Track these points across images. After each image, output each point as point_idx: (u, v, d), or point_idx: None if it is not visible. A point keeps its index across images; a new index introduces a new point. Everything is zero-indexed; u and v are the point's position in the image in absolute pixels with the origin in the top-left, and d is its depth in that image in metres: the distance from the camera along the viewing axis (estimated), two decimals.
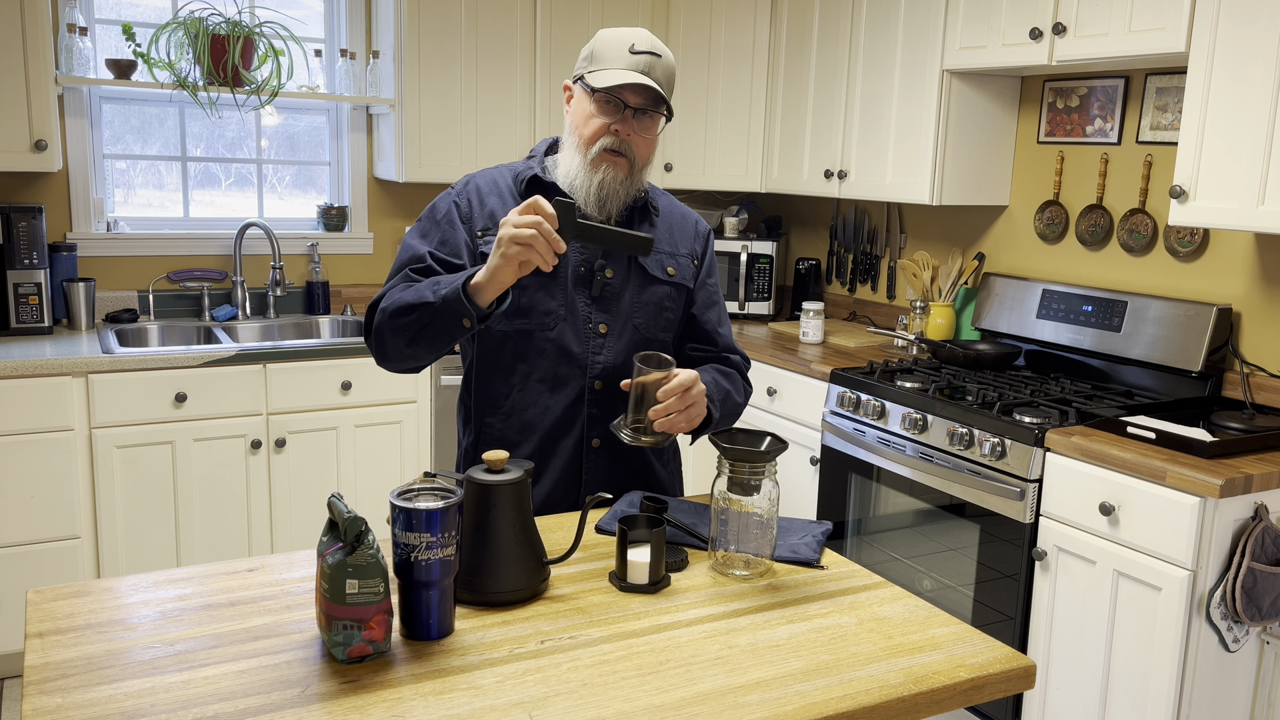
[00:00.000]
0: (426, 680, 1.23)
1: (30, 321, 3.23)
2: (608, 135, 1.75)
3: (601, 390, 1.84)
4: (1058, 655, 2.53)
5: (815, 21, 3.69)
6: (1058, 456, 2.49)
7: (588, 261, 1.83)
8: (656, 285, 1.87)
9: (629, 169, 1.78)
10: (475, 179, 1.87)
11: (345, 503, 1.27)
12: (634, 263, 1.86)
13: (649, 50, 1.75)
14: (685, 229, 1.96)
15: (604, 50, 1.75)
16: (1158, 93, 2.94)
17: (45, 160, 3.11)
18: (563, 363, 1.82)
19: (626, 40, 1.74)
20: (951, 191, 3.28)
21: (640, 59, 1.73)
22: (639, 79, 1.71)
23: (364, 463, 3.41)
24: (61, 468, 2.97)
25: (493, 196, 1.84)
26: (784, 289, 4.39)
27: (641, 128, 1.77)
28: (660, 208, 1.93)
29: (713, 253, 2.00)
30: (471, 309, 1.62)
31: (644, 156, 1.80)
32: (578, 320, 1.82)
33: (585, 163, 1.77)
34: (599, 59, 1.75)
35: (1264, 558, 2.25)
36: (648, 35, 1.77)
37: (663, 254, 1.90)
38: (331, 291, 3.89)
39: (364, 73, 3.75)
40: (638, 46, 1.74)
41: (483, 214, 1.83)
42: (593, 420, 1.85)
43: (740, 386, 1.93)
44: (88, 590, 1.43)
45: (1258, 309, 2.75)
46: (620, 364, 1.84)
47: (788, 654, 1.33)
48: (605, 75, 1.73)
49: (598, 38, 1.78)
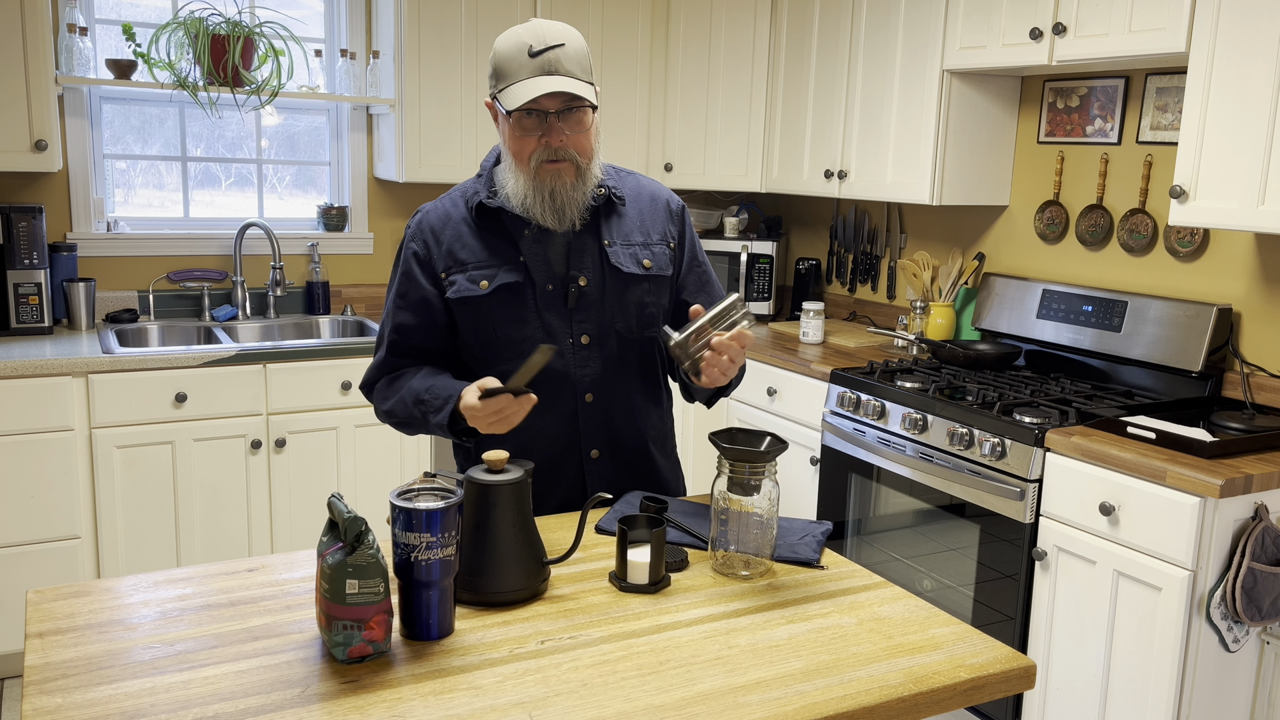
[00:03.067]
0: (426, 680, 1.23)
1: (30, 321, 3.23)
2: (540, 148, 1.70)
3: (594, 402, 1.81)
4: (1058, 655, 2.53)
5: (815, 21, 3.69)
6: (1058, 456, 2.49)
7: (556, 278, 1.78)
8: (634, 284, 1.82)
9: (575, 171, 1.73)
10: (427, 216, 1.83)
11: (345, 503, 1.26)
12: (607, 264, 1.80)
13: (548, 44, 1.66)
14: (656, 212, 1.88)
15: (504, 63, 1.67)
16: (1158, 93, 2.94)
17: (45, 160, 3.11)
18: (550, 383, 1.77)
19: (522, 43, 1.66)
20: (951, 191, 3.28)
21: (542, 59, 1.65)
22: (547, 86, 1.64)
23: (364, 463, 3.40)
24: (61, 468, 2.97)
25: (446, 231, 1.80)
26: (784, 289, 4.39)
27: (571, 126, 1.69)
28: (626, 195, 1.86)
29: (690, 228, 1.92)
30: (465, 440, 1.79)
31: (586, 151, 1.73)
32: (558, 339, 1.78)
33: (530, 181, 1.72)
34: (503, 74, 1.68)
35: (1264, 558, 2.25)
36: (542, 27, 1.68)
37: (635, 245, 1.83)
38: (331, 291, 3.89)
39: (364, 73, 3.75)
40: (535, 47, 1.65)
41: (440, 253, 1.79)
42: (589, 433, 1.82)
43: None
44: (88, 590, 1.43)
45: (1258, 309, 2.75)
46: (610, 373, 1.82)
47: (788, 654, 1.33)
48: (514, 93, 1.66)
49: (495, 50, 1.70)
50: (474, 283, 1.77)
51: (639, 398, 1.87)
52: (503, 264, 1.78)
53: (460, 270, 1.79)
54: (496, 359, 1.80)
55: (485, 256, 1.78)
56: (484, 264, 1.78)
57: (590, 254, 1.80)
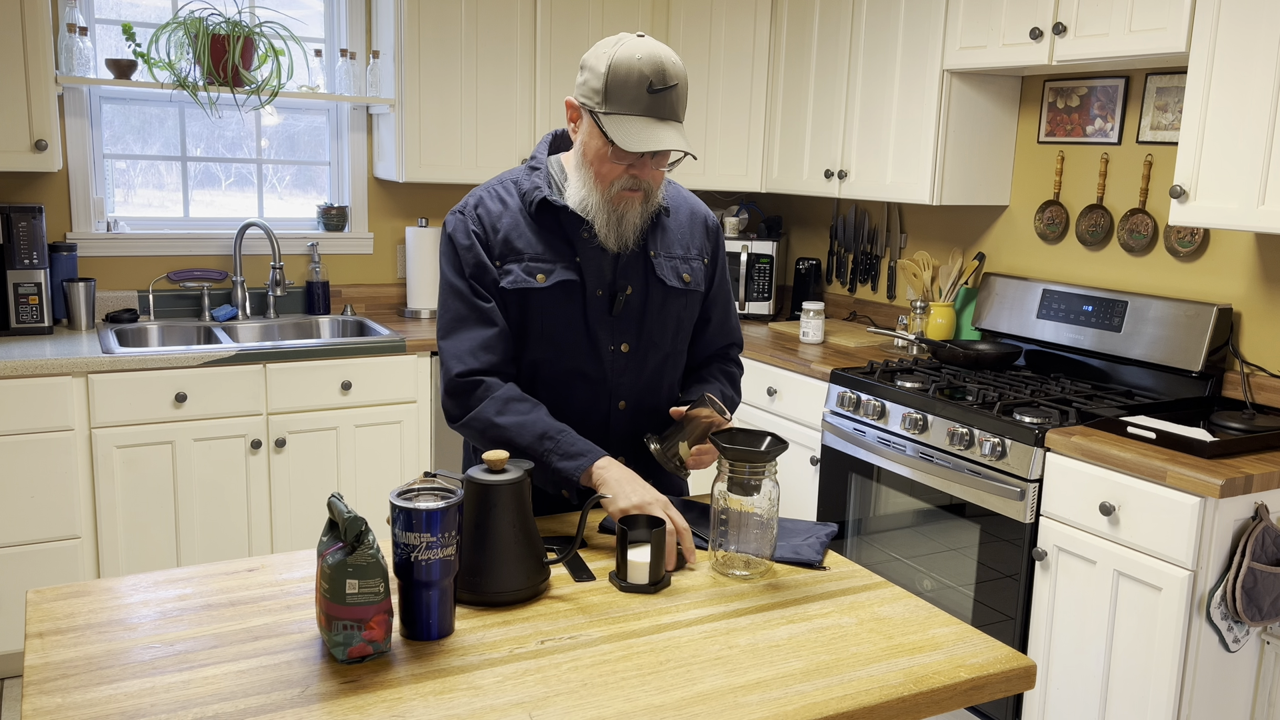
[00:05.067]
0: (426, 680, 1.23)
1: (30, 321, 3.23)
2: (625, 177, 1.70)
3: (625, 409, 1.83)
4: (1058, 655, 2.53)
5: (815, 22, 3.69)
6: (1058, 456, 2.49)
7: (606, 284, 1.78)
8: (674, 296, 1.84)
9: (645, 199, 1.74)
10: (484, 201, 1.79)
11: (345, 503, 1.27)
12: (651, 275, 1.81)
13: (666, 85, 1.61)
14: (695, 227, 1.91)
15: (618, 88, 1.61)
16: (1158, 93, 2.94)
17: (45, 160, 3.11)
18: (585, 388, 1.80)
19: (642, 75, 1.60)
20: (952, 191, 3.28)
21: (660, 99, 1.61)
22: (669, 141, 1.61)
23: (364, 463, 3.40)
24: (61, 468, 2.97)
25: (504, 219, 1.77)
26: (784, 289, 4.39)
27: (660, 163, 1.71)
28: (671, 207, 1.87)
29: (722, 248, 1.96)
30: (574, 488, 1.72)
31: (658, 182, 1.76)
32: (599, 344, 1.79)
33: (603, 199, 1.72)
34: (614, 98, 1.62)
35: (1264, 558, 2.25)
36: (661, 60, 1.61)
37: (676, 259, 1.85)
38: (331, 291, 3.89)
39: (364, 73, 3.75)
40: (655, 84, 1.60)
41: (498, 240, 1.76)
42: (619, 440, 1.84)
43: (739, 383, 1.98)
44: (88, 590, 1.43)
45: (1258, 309, 2.75)
46: (644, 382, 1.83)
47: (788, 654, 1.33)
48: (628, 132, 1.61)
49: (610, 68, 1.61)
50: (530, 275, 1.75)
51: (663, 406, 1.90)
52: (559, 261, 1.77)
53: (516, 260, 1.76)
54: (526, 351, 1.79)
55: (542, 250, 1.76)
56: (541, 258, 1.76)
57: (637, 264, 1.80)
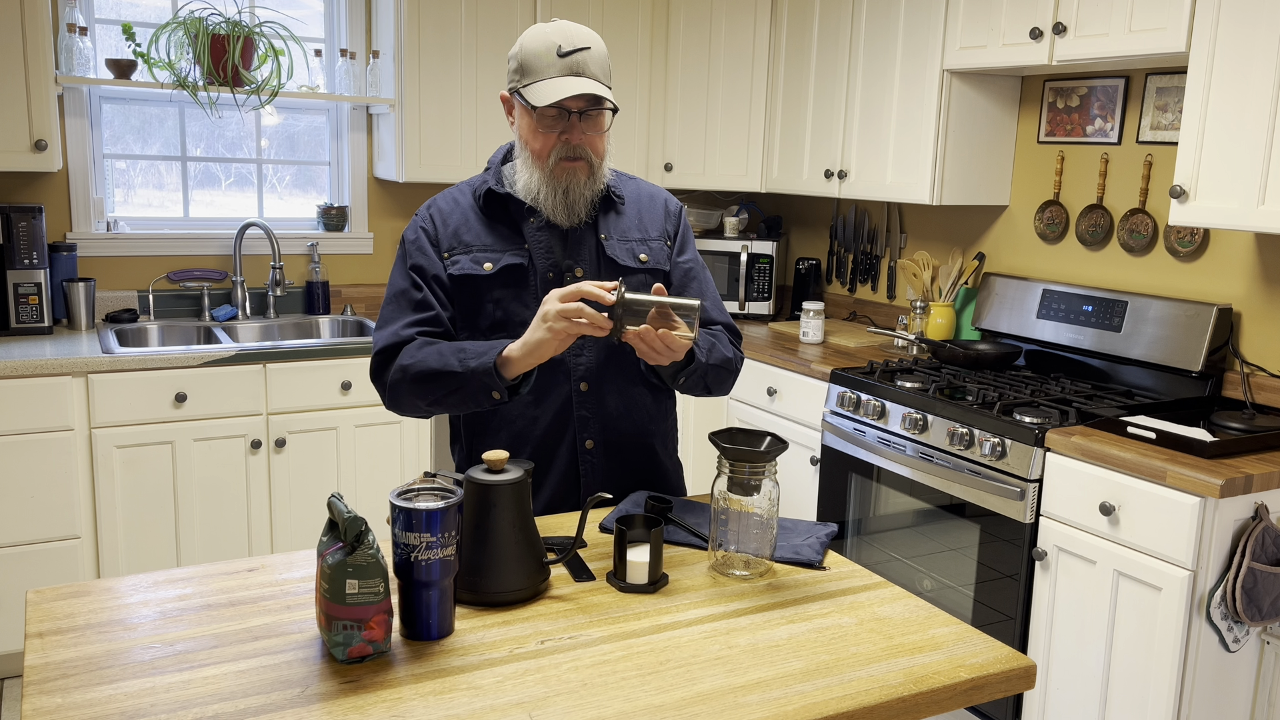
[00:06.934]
0: (426, 680, 1.23)
1: (30, 321, 3.23)
2: (559, 146, 1.75)
3: (588, 391, 1.84)
4: (1058, 655, 2.53)
5: (815, 22, 3.69)
6: (1058, 456, 2.49)
7: (555, 265, 1.83)
8: (630, 277, 1.86)
9: (589, 169, 1.79)
10: (436, 202, 1.89)
11: (345, 503, 1.26)
12: (603, 256, 1.85)
13: (577, 46, 1.71)
14: (654, 211, 1.94)
15: (531, 59, 1.72)
16: (1158, 93, 2.94)
17: (45, 160, 3.11)
18: (544, 371, 1.80)
19: (551, 42, 1.71)
20: (951, 191, 3.28)
21: (570, 60, 1.71)
22: (576, 87, 1.69)
23: (364, 463, 3.40)
24: (61, 468, 2.97)
25: (454, 215, 1.85)
26: (784, 289, 4.39)
27: (591, 127, 1.76)
28: (625, 195, 1.92)
29: (687, 229, 1.97)
30: (501, 383, 1.67)
31: (600, 152, 1.80)
32: None
33: (545, 175, 1.77)
34: (529, 70, 1.73)
35: (1264, 558, 2.25)
36: (569, 29, 1.73)
37: (632, 241, 1.89)
38: (331, 291, 3.89)
39: (364, 73, 3.75)
40: (564, 47, 1.70)
41: (447, 234, 1.84)
42: (583, 422, 1.84)
43: (726, 342, 1.88)
44: (88, 590, 1.43)
45: (1258, 309, 2.75)
46: (603, 361, 1.84)
47: (788, 654, 1.33)
48: (541, 90, 1.70)
49: (521, 45, 1.74)
50: (477, 264, 1.82)
51: (638, 391, 1.88)
52: (507, 248, 1.83)
53: (464, 251, 1.83)
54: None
55: (490, 241, 1.83)
56: (489, 248, 1.83)
57: (587, 246, 1.85)
